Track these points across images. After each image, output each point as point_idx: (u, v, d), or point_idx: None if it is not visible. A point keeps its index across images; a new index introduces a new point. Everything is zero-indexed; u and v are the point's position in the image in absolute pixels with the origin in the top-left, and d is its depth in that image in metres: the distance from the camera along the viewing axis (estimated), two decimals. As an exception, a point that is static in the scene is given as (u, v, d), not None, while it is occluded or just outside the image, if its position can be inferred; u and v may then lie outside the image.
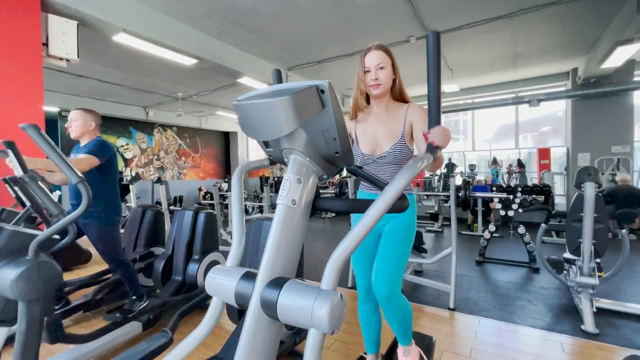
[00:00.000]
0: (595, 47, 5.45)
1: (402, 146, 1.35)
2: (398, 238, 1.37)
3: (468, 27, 4.69)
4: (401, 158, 1.36)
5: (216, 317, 0.72)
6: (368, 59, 1.34)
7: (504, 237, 5.44)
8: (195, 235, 2.59)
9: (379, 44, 1.36)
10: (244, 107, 0.60)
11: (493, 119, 9.23)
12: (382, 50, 1.34)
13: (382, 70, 1.33)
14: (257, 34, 4.85)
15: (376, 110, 1.43)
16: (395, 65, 1.37)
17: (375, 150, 1.39)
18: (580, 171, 2.48)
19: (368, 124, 1.43)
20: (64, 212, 1.29)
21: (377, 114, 1.42)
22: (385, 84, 1.34)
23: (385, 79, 1.33)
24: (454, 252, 2.74)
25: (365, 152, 1.40)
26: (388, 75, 1.34)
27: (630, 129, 6.26)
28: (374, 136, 1.40)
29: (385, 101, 1.41)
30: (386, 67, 1.33)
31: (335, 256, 0.56)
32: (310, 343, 0.53)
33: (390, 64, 1.35)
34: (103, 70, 5.95)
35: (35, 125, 1.14)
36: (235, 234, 0.80)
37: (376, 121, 1.41)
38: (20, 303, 1.12)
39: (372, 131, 1.41)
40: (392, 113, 1.40)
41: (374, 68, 1.33)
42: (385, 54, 1.34)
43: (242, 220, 0.82)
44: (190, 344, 0.70)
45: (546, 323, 2.36)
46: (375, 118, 1.42)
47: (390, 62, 1.35)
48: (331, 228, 6.95)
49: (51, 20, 3.10)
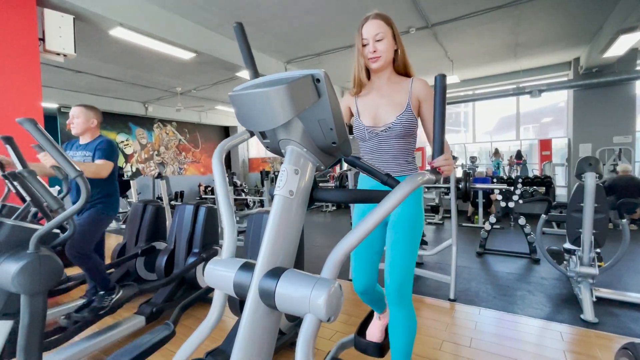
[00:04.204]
0: (597, 36, 5.38)
1: (410, 115, 1.25)
2: (407, 230, 1.27)
3: (468, 17, 4.63)
4: (407, 129, 1.26)
5: (221, 308, 0.73)
6: (365, 30, 1.24)
7: (505, 229, 5.45)
8: (196, 230, 2.60)
9: (377, 12, 1.24)
10: (240, 98, 0.60)
11: (494, 110, 9.16)
12: (381, 19, 1.23)
13: (381, 42, 1.22)
14: (255, 27, 4.80)
15: (377, 83, 1.33)
16: (396, 35, 1.26)
17: (377, 122, 1.29)
18: (581, 161, 2.47)
19: (370, 98, 1.33)
20: (63, 207, 1.29)
21: (379, 88, 1.32)
22: (386, 56, 1.24)
23: (385, 51, 1.23)
24: (454, 243, 2.75)
25: (367, 125, 1.30)
26: (388, 46, 1.23)
27: (632, 119, 6.22)
28: (376, 109, 1.30)
29: (387, 74, 1.31)
30: (385, 37, 1.22)
31: (337, 249, 0.57)
32: (304, 328, 0.53)
33: (391, 33, 1.24)
34: (101, 65, 5.92)
35: (32, 120, 1.14)
36: (226, 224, 0.76)
37: (378, 95, 1.31)
38: (23, 296, 1.13)
39: (374, 105, 1.31)
40: (395, 87, 1.30)
41: (372, 39, 1.22)
42: (384, 23, 1.23)
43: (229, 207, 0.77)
44: (199, 336, 0.71)
45: (546, 313, 2.37)
46: (377, 92, 1.32)
47: (390, 31, 1.24)
48: (332, 221, 6.96)
49: (47, 15, 3.07)
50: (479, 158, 8.23)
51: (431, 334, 2.09)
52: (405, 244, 1.27)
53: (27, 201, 1.52)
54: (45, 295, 1.20)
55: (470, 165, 7.79)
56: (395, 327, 1.30)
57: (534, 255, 3.68)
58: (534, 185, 6.72)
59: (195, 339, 0.70)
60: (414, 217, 1.28)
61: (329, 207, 8.43)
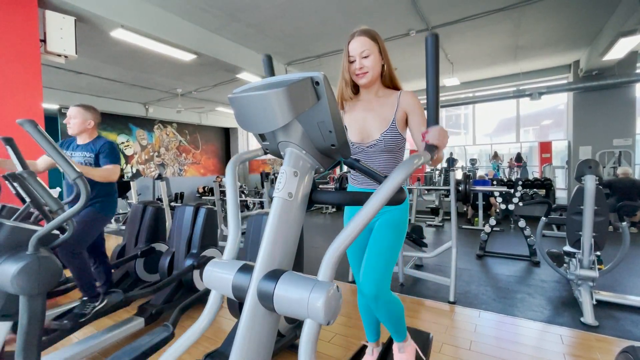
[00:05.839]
0: (597, 38, 5.39)
1: (393, 132, 1.26)
2: (389, 234, 1.29)
3: (468, 20, 4.65)
4: (392, 145, 1.28)
5: (215, 311, 0.73)
6: (352, 47, 1.25)
7: (505, 231, 5.44)
8: (194, 231, 2.60)
9: (363, 29, 1.26)
10: (239, 100, 0.60)
11: (494, 112, 9.17)
12: (366, 36, 1.24)
13: (368, 59, 1.24)
14: (255, 29, 4.82)
15: (366, 97, 1.34)
16: (383, 51, 1.27)
17: (364, 138, 1.30)
18: (581, 164, 2.47)
19: (357, 111, 1.34)
20: (63, 208, 1.29)
21: (367, 101, 1.34)
22: (373, 72, 1.26)
23: (372, 67, 1.25)
24: (454, 245, 2.75)
25: (354, 141, 1.31)
26: (374, 62, 1.25)
27: (632, 122, 6.22)
28: (362, 124, 1.31)
29: (375, 88, 1.33)
30: (372, 53, 1.24)
31: (331, 249, 0.57)
32: (305, 333, 0.53)
33: (377, 49, 1.26)
34: (102, 66, 5.93)
35: (32, 121, 1.14)
36: (231, 227, 0.79)
37: (365, 109, 1.33)
38: (22, 297, 1.13)
39: (361, 119, 1.32)
40: (382, 100, 1.32)
41: (358, 56, 1.24)
42: (369, 40, 1.24)
43: (237, 212, 0.81)
44: (189, 338, 0.70)
45: (546, 316, 2.36)
46: (364, 105, 1.33)
47: (376, 47, 1.26)
48: (331, 223, 6.96)
49: (48, 16, 3.09)
50: (479, 160, 8.22)
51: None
52: (386, 246, 1.28)
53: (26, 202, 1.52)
54: (44, 296, 1.19)
55: (470, 167, 7.79)
56: (380, 316, 1.34)
57: (534, 258, 3.67)
58: (534, 188, 6.73)
59: (185, 340, 0.70)
60: (398, 221, 1.31)
61: (328, 209, 8.43)
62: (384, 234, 1.29)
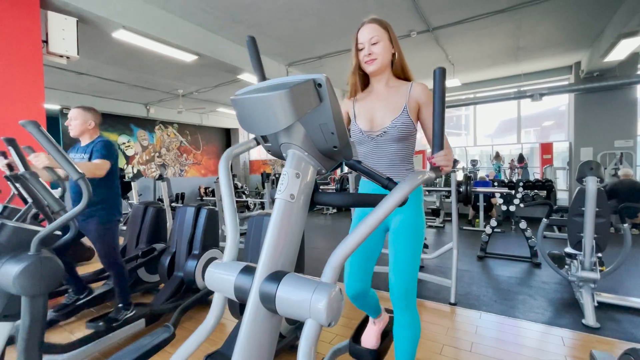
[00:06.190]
0: (598, 40, 5.39)
1: (405, 119, 1.23)
2: (410, 242, 1.25)
3: (470, 21, 4.65)
4: (405, 134, 1.24)
5: (220, 312, 0.72)
6: (361, 35, 1.24)
7: (506, 232, 5.43)
8: (196, 232, 2.60)
9: (373, 17, 1.25)
10: (242, 102, 0.60)
11: (495, 113, 9.16)
12: (376, 23, 1.23)
13: (377, 45, 1.22)
14: (256, 29, 4.82)
15: (376, 87, 1.33)
16: (393, 39, 1.25)
17: (374, 127, 1.28)
18: (582, 165, 2.47)
19: (368, 101, 1.32)
20: (65, 208, 1.29)
21: (378, 92, 1.32)
22: (382, 59, 1.24)
23: (381, 53, 1.23)
24: (455, 247, 2.74)
25: (364, 129, 1.29)
26: (384, 49, 1.23)
27: (634, 123, 6.21)
28: (373, 113, 1.29)
29: (386, 77, 1.31)
30: (381, 40, 1.22)
31: (336, 253, 0.57)
32: (305, 333, 0.53)
33: (387, 37, 1.24)
34: (103, 67, 5.95)
35: (35, 122, 1.14)
36: (229, 227, 0.77)
37: (376, 98, 1.31)
38: (23, 298, 1.13)
39: (371, 108, 1.30)
40: (393, 91, 1.29)
41: (367, 43, 1.23)
42: (379, 27, 1.23)
43: (234, 211, 0.78)
44: (195, 340, 0.70)
45: (547, 317, 2.36)
46: (375, 95, 1.32)
47: (386, 35, 1.24)
48: (333, 224, 6.96)
49: (50, 17, 3.10)
50: (479, 161, 8.21)
51: (432, 338, 2.08)
52: (409, 251, 1.25)
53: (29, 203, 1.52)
54: (46, 297, 1.20)
55: (471, 168, 7.78)
56: (400, 332, 1.28)
57: (535, 259, 3.67)
58: (535, 189, 6.72)
59: (192, 342, 0.70)
60: (415, 223, 1.27)
61: (329, 210, 8.43)
62: (405, 242, 1.26)
